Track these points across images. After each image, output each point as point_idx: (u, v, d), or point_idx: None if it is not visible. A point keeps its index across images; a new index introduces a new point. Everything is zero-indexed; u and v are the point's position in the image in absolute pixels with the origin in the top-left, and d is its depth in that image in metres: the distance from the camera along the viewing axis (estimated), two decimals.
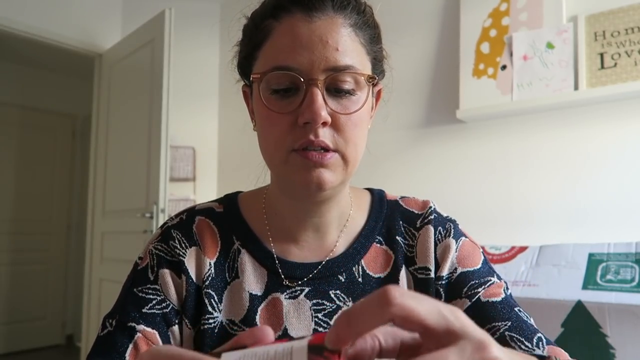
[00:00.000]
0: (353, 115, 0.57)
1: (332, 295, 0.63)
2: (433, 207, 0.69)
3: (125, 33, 3.11)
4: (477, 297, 0.61)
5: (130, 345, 0.57)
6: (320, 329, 0.62)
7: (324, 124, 0.55)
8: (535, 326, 0.59)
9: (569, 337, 1.26)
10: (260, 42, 0.59)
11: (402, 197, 0.72)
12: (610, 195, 1.81)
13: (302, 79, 0.55)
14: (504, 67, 2.04)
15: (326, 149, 0.56)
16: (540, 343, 0.57)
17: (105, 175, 3.07)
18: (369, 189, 0.73)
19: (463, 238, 0.67)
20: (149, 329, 0.58)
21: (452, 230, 0.67)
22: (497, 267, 1.54)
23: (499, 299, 0.61)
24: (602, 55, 1.84)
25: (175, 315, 0.61)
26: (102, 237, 3.05)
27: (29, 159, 4.21)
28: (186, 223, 0.66)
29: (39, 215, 4.25)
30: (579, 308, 1.25)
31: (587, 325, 1.24)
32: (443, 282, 0.64)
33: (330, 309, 0.62)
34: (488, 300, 0.61)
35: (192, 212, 0.67)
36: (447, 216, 0.69)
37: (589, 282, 1.32)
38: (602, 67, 1.83)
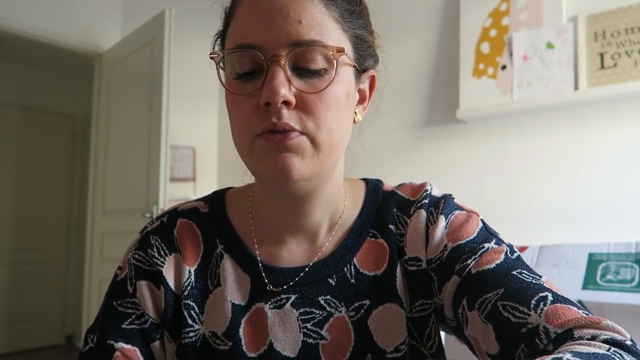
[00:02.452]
0: (323, 95, 0.50)
1: (322, 302, 0.57)
2: (429, 190, 0.61)
3: (125, 33, 3.11)
4: (467, 270, 0.52)
5: None
6: (310, 340, 0.56)
7: (287, 104, 0.49)
8: (543, 285, 0.48)
9: None
10: (227, 26, 0.55)
11: (399, 185, 0.65)
12: (610, 195, 1.81)
13: (262, 57, 0.49)
14: (504, 67, 2.04)
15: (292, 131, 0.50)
16: (542, 303, 0.45)
17: (105, 175, 3.07)
18: (365, 180, 0.66)
19: (456, 211, 0.58)
20: (128, 346, 0.56)
21: (443, 205, 0.58)
22: None
23: (492, 265, 0.51)
24: (602, 55, 1.83)
25: (156, 330, 0.58)
26: (102, 237, 3.05)
27: (29, 159, 4.21)
28: (167, 227, 0.61)
29: (39, 215, 4.25)
30: None
31: None
32: (433, 265, 0.56)
33: (321, 317, 0.56)
34: (478, 271, 0.51)
35: (174, 214, 0.63)
36: (443, 194, 0.61)
37: (589, 282, 1.32)
38: (602, 67, 1.83)
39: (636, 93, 1.76)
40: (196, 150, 3.16)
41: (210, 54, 0.54)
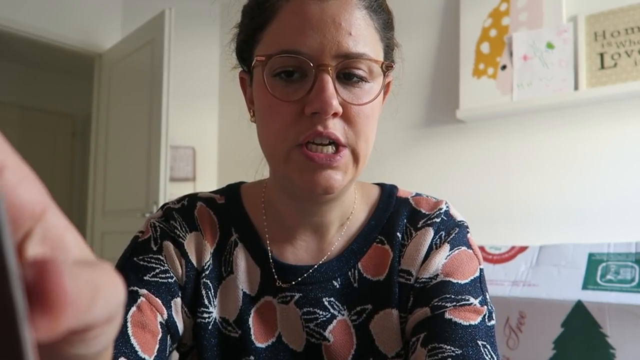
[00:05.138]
0: (365, 106, 0.51)
1: (326, 303, 0.57)
2: (445, 209, 0.61)
3: (125, 33, 3.11)
4: (442, 310, 0.52)
5: (133, 308, 0.51)
6: (313, 340, 0.56)
7: (335, 114, 0.49)
8: None
9: (569, 337, 1.26)
10: (264, 23, 0.53)
11: (415, 195, 0.63)
12: (610, 195, 1.81)
13: (311, 64, 0.49)
14: (504, 67, 2.03)
15: (336, 144, 0.50)
16: None
17: (105, 175, 3.07)
18: (380, 185, 0.66)
19: (463, 247, 0.58)
20: (152, 296, 0.53)
21: (454, 235, 0.58)
22: (497, 267, 1.54)
23: (466, 322, 0.51)
24: (602, 55, 1.83)
25: (178, 290, 0.56)
26: (102, 237, 3.05)
27: (29, 159, 4.19)
28: (188, 208, 0.61)
29: None
30: (579, 308, 1.25)
31: (587, 325, 1.23)
32: (417, 285, 0.56)
33: (324, 318, 0.56)
34: (451, 319, 0.51)
35: (193, 198, 0.63)
36: (460, 221, 0.61)
37: (589, 282, 1.32)
38: (602, 67, 1.83)
39: (636, 93, 1.76)
40: (196, 150, 3.16)
41: (257, 56, 0.52)
